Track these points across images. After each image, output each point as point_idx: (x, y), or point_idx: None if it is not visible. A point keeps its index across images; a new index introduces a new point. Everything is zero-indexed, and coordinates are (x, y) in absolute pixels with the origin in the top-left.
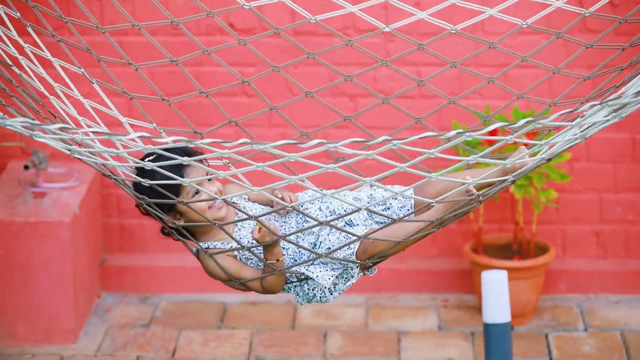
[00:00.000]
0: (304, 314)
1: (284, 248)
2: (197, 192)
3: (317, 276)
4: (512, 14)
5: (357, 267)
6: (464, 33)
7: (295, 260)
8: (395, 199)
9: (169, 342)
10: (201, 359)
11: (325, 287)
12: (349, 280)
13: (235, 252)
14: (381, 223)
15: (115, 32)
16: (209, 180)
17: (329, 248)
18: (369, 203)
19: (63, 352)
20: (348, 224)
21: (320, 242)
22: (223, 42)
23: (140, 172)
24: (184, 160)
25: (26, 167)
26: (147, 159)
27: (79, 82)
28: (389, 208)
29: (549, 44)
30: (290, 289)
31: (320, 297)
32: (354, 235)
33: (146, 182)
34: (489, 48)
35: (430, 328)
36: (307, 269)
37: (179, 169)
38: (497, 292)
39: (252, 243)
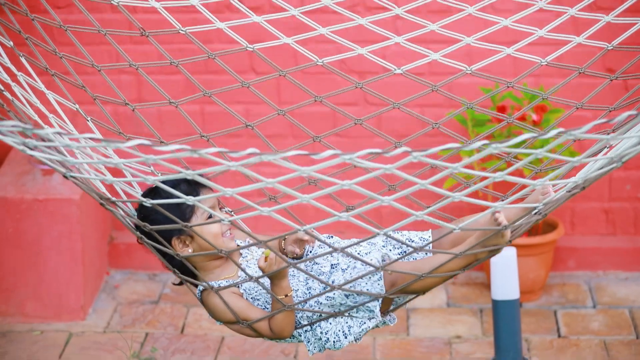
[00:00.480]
0: None
1: (294, 290)
2: (210, 217)
3: (326, 296)
4: (530, 47)
5: (378, 306)
6: (480, 73)
7: (306, 303)
8: (412, 241)
9: (178, 319)
10: (210, 335)
11: (338, 331)
12: (364, 323)
13: (242, 290)
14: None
15: (115, 37)
16: (221, 209)
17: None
18: (384, 247)
19: (72, 328)
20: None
21: (333, 282)
22: (229, 50)
23: (151, 194)
24: (188, 174)
25: None
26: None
27: (78, 94)
28: (405, 252)
29: (569, 71)
30: (301, 335)
31: (334, 341)
32: (371, 265)
33: (148, 201)
34: (507, 87)
35: (439, 305)
36: (317, 300)
37: (194, 190)
38: (505, 269)
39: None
